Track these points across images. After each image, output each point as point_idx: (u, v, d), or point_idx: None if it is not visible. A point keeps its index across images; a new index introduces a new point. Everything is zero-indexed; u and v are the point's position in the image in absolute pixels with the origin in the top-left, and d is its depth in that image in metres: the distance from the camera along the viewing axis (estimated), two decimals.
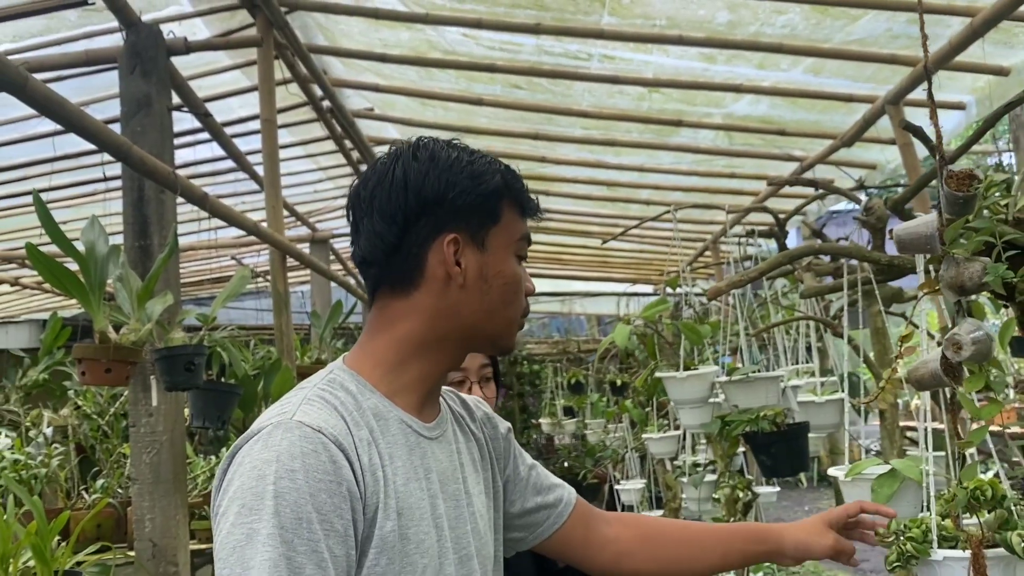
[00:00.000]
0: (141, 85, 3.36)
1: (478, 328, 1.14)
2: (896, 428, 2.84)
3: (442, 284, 1.11)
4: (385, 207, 1.11)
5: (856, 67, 4.38)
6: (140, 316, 2.69)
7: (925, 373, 1.25)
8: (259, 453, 0.97)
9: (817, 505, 9.69)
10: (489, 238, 1.14)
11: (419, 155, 1.13)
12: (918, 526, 1.38)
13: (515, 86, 4.99)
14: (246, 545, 0.92)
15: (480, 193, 1.12)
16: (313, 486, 0.95)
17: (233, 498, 0.96)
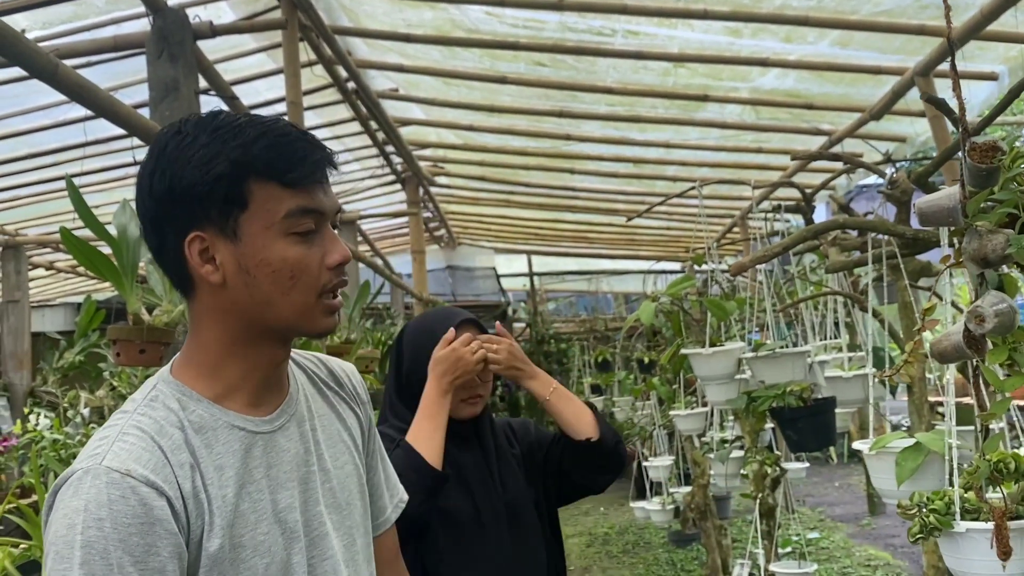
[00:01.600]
0: (168, 70, 3.40)
1: (262, 321, 1.06)
2: (924, 402, 2.83)
3: (209, 285, 1.04)
4: (140, 213, 1.06)
5: (884, 39, 4.31)
6: (172, 298, 2.74)
7: (948, 346, 1.25)
8: (69, 501, 0.96)
9: (847, 481, 9.65)
10: (241, 226, 1.02)
11: (153, 150, 1.05)
12: (941, 498, 1.38)
13: (539, 64, 4.97)
14: None
15: (209, 180, 1.00)
16: (122, 532, 0.94)
17: (50, 543, 0.96)
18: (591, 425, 1.93)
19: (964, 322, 1.22)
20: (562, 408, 1.95)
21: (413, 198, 7.64)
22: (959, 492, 1.43)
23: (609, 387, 8.40)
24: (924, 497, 1.43)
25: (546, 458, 2.00)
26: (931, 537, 1.35)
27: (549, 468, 2.00)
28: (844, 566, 6.07)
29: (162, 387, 1.08)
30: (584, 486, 2.02)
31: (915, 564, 6.08)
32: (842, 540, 6.86)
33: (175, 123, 1.06)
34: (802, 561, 3.91)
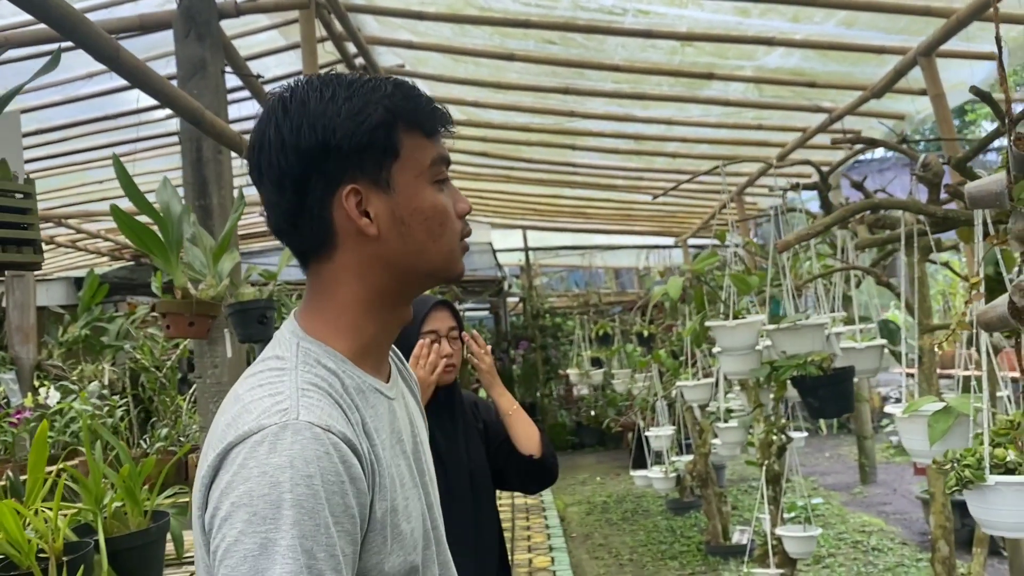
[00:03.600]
0: (196, 49, 3.47)
1: (413, 271, 1.05)
2: (933, 373, 2.96)
3: (357, 239, 1.02)
4: (271, 174, 1.01)
5: (889, 19, 4.42)
6: (215, 273, 2.83)
7: (993, 316, 1.37)
8: (267, 457, 0.90)
9: (837, 452, 9.89)
10: (393, 176, 1.02)
11: (288, 106, 1.01)
12: (972, 455, 1.52)
13: (549, 41, 5.05)
14: (260, 555, 0.87)
15: (365, 130, 0.99)
16: (328, 490, 0.91)
17: (238, 504, 0.89)
18: (537, 445, 2.27)
19: (1009, 294, 1.35)
20: (518, 424, 2.29)
21: None
22: (988, 449, 1.56)
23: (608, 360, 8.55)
24: (957, 454, 1.56)
25: (496, 451, 2.30)
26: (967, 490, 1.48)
27: (492, 462, 2.31)
28: (840, 531, 6.28)
29: (307, 346, 1.04)
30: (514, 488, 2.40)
31: (907, 529, 6.30)
32: (836, 507, 7.08)
33: (295, 82, 1.04)
34: (807, 525, 4.07)
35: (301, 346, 1.03)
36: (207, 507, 0.94)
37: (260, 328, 2.88)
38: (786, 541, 3.85)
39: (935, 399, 1.86)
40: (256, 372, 1.02)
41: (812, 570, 5.38)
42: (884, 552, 5.72)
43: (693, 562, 5.91)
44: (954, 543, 3.10)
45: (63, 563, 2.22)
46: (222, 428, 0.97)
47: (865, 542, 5.97)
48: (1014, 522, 1.52)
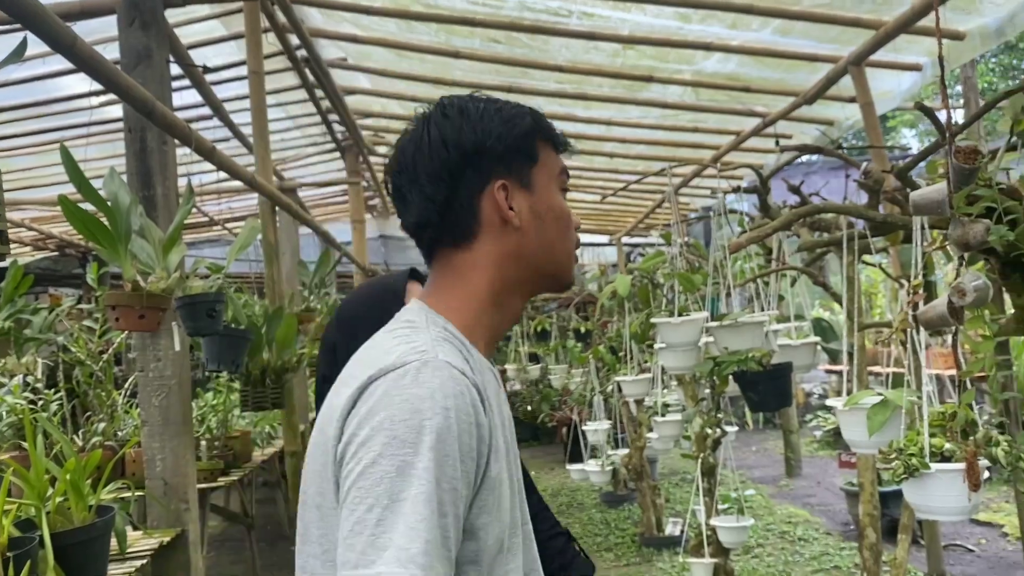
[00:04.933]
0: (140, 37, 3.41)
1: (542, 267, 1.17)
2: (864, 370, 3.11)
3: (499, 230, 1.13)
4: (429, 168, 1.13)
5: (822, 29, 4.60)
6: (164, 265, 2.80)
7: (934, 315, 1.48)
8: (410, 388, 0.98)
9: (764, 446, 10.19)
10: (533, 178, 1.16)
11: (448, 112, 1.15)
12: (914, 444, 1.63)
13: (494, 40, 5.10)
14: (397, 477, 0.93)
15: (515, 136, 1.15)
16: (460, 427, 0.97)
17: (379, 428, 0.96)
18: None
19: (947, 295, 1.45)
20: None
21: (353, 167, 7.66)
22: (927, 439, 1.67)
23: (547, 356, 8.63)
24: (901, 445, 1.67)
25: None
26: (910, 478, 1.59)
27: None
28: (767, 523, 6.50)
29: (434, 317, 1.12)
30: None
31: (831, 520, 6.56)
32: (764, 500, 7.32)
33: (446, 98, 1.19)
34: (740, 516, 4.21)
35: (429, 316, 1.13)
36: (342, 437, 1.00)
37: (209, 321, 2.87)
38: (720, 531, 3.99)
39: (873, 393, 1.97)
40: (389, 331, 1.11)
41: (742, 560, 5.56)
42: (809, 542, 5.94)
43: (628, 553, 6.05)
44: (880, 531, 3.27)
45: (8, 559, 2.19)
46: (360, 369, 1.04)
47: (791, 532, 6.20)
48: (949, 507, 1.64)
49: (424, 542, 0.92)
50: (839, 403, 2.00)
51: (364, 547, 0.92)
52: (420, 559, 0.91)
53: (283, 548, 6.16)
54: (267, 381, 3.58)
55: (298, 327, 3.90)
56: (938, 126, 1.48)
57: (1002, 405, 5.16)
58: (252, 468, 5.00)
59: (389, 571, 0.90)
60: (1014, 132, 1.83)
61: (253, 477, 6.37)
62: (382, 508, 0.93)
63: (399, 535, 0.91)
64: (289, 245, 6.70)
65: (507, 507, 1.08)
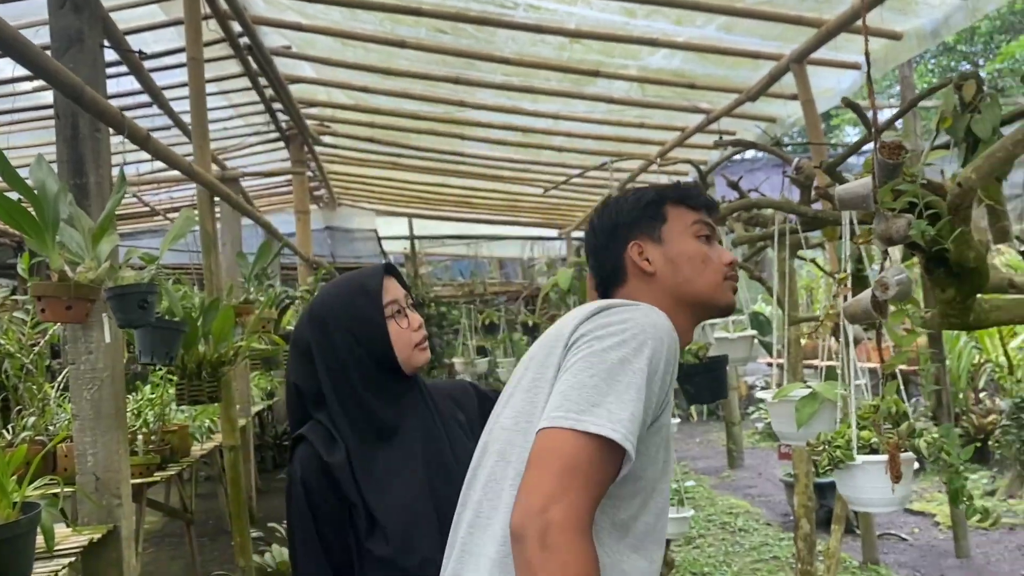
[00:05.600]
0: (72, 20, 3.31)
1: (686, 297, 1.45)
2: (799, 363, 3.17)
3: (641, 276, 1.46)
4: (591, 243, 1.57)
5: (765, 26, 4.66)
6: (94, 255, 2.72)
7: (858, 309, 1.50)
8: (644, 317, 1.25)
9: (707, 437, 10.33)
10: (663, 234, 1.47)
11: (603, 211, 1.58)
12: (842, 436, 1.65)
13: (440, 31, 5.06)
14: (618, 364, 1.17)
15: (641, 208, 1.51)
16: (667, 357, 1.23)
17: (612, 332, 1.22)
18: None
19: (872, 289, 1.48)
20: None
21: (297, 157, 7.55)
22: (855, 432, 1.70)
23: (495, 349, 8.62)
24: (828, 437, 1.70)
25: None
26: (837, 469, 1.62)
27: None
28: (709, 513, 6.58)
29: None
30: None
31: (771, 511, 6.67)
32: (706, 491, 7.42)
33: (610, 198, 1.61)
34: (680, 507, 4.25)
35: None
36: (576, 331, 1.26)
37: (141, 313, 2.79)
38: None
39: (802, 385, 2.01)
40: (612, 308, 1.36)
41: (684, 550, 5.63)
42: (750, 532, 6.04)
43: None
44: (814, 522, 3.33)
45: None
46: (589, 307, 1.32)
47: (732, 523, 6.29)
48: (877, 498, 1.67)
49: (631, 413, 1.14)
50: (769, 395, 2.03)
51: (580, 401, 1.15)
52: (626, 424, 1.13)
53: (224, 543, 6.06)
54: (203, 374, 3.51)
55: (236, 319, 3.82)
56: (865, 122, 1.50)
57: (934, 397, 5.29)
58: (191, 462, 4.90)
59: (599, 423, 1.12)
60: (939, 128, 1.87)
61: (193, 472, 6.26)
62: (601, 379, 1.16)
63: (612, 401, 1.14)
64: (230, 236, 6.58)
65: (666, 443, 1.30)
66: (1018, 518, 5.88)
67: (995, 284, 1.86)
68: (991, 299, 1.80)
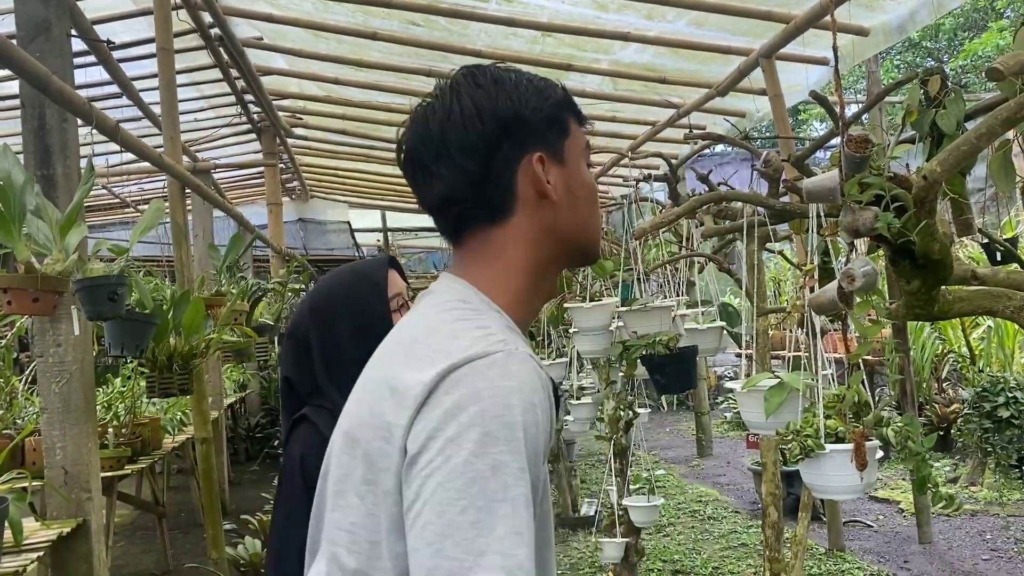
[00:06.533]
0: (39, 8, 3.26)
1: (574, 242, 1.11)
2: (767, 353, 3.22)
3: (535, 204, 1.06)
4: (462, 140, 1.05)
5: (734, 22, 4.71)
6: (62, 247, 2.70)
7: (824, 300, 1.54)
8: (500, 380, 0.90)
9: (677, 427, 10.43)
10: (565, 151, 1.09)
11: (481, 81, 1.07)
12: (810, 426, 1.69)
13: (412, 23, 5.05)
14: (492, 477, 0.85)
15: (550, 107, 1.08)
16: (540, 423, 0.91)
17: (470, 425, 0.87)
18: None
19: (838, 280, 1.51)
20: None
21: (269, 148, 7.51)
22: (823, 421, 1.74)
23: None
24: (797, 426, 1.73)
25: None
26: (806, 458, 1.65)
27: None
28: (679, 501, 6.66)
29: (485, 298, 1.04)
30: None
31: (739, 499, 6.76)
32: (676, 479, 7.50)
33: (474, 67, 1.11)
34: (651, 496, 4.30)
35: (479, 295, 1.04)
36: (412, 429, 0.91)
37: (111, 305, 2.77)
38: (632, 511, 4.07)
39: (771, 375, 2.04)
40: (447, 309, 1.02)
41: (654, 538, 5.69)
42: (719, 520, 6.12)
43: None
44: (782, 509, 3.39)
45: None
46: (423, 354, 0.95)
47: (702, 511, 6.37)
48: (842, 485, 1.71)
49: (528, 547, 0.85)
50: (738, 385, 2.06)
51: (460, 553, 0.84)
52: (527, 566, 0.84)
53: (197, 536, 6.03)
54: (175, 367, 3.49)
55: (208, 312, 3.81)
56: (832, 116, 1.53)
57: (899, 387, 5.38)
58: (162, 455, 4.87)
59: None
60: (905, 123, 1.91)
61: (165, 464, 6.21)
62: (477, 510, 0.84)
63: (500, 540, 0.84)
64: (202, 228, 6.52)
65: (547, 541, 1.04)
66: (979, 505, 6.01)
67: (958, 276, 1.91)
68: (955, 291, 1.85)
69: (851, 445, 1.60)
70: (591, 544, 5.60)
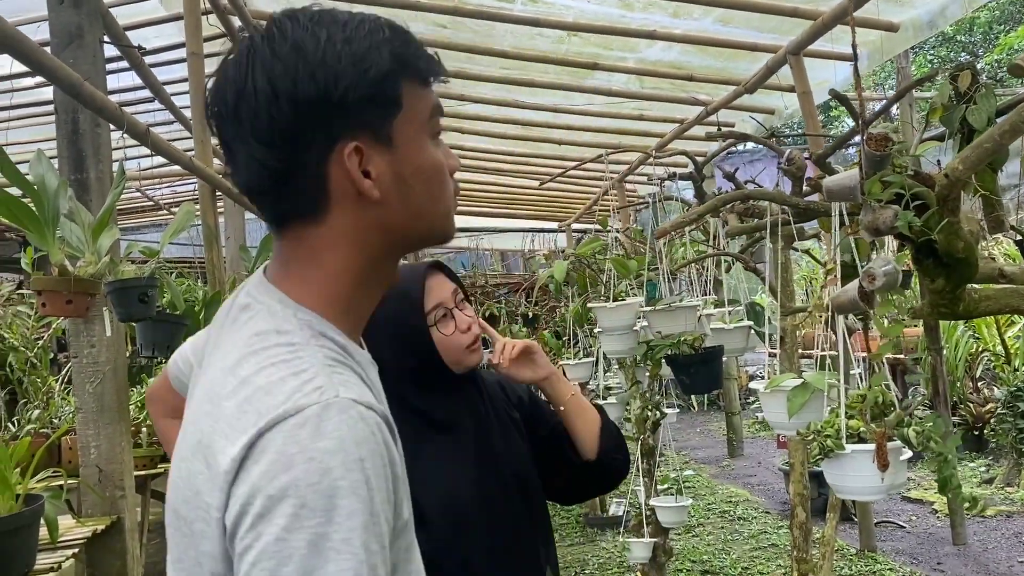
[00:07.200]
0: (72, 16, 3.33)
1: (410, 235, 0.95)
2: (795, 352, 3.19)
3: (355, 201, 0.90)
4: (257, 126, 0.86)
5: (761, 19, 4.67)
6: (94, 250, 2.75)
7: (845, 300, 1.53)
8: (312, 442, 0.78)
9: (708, 427, 10.38)
10: (396, 131, 0.90)
11: (279, 48, 0.87)
12: (831, 426, 1.68)
13: (439, 25, 5.08)
14: (310, 554, 0.76)
15: (371, 81, 0.87)
16: (377, 476, 0.80)
17: (280, 497, 0.77)
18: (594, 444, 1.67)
19: (859, 280, 1.50)
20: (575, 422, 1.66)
21: None
22: (844, 421, 1.73)
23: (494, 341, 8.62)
24: (818, 426, 1.73)
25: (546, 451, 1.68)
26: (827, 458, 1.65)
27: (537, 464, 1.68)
28: (709, 502, 6.63)
29: (304, 317, 0.91)
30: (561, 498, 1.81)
31: (770, 499, 6.71)
32: (706, 480, 7.46)
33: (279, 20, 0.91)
34: (678, 496, 4.29)
35: (299, 317, 0.90)
36: (228, 506, 0.80)
37: (142, 307, 2.82)
38: (659, 511, 4.06)
39: (794, 376, 2.03)
40: (257, 350, 0.87)
41: (683, 539, 5.68)
42: (749, 520, 6.08)
43: (572, 534, 6.13)
44: (810, 510, 3.37)
45: None
46: (232, 415, 0.83)
47: (732, 512, 6.34)
48: (865, 487, 1.70)
49: None
50: (761, 386, 2.06)
51: None
52: None
53: None
54: None
55: None
56: (853, 114, 1.52)
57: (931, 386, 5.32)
58: None
59: None
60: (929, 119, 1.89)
61: None
62: None
63: None
64: (233, 229, 6.60)
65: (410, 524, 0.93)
66: (1015, 506, 5.91)
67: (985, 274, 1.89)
68: (982, 289, 1.83)
69: (873, 446, 1.59)
70: (619, 544, 5.60)
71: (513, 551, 1.54)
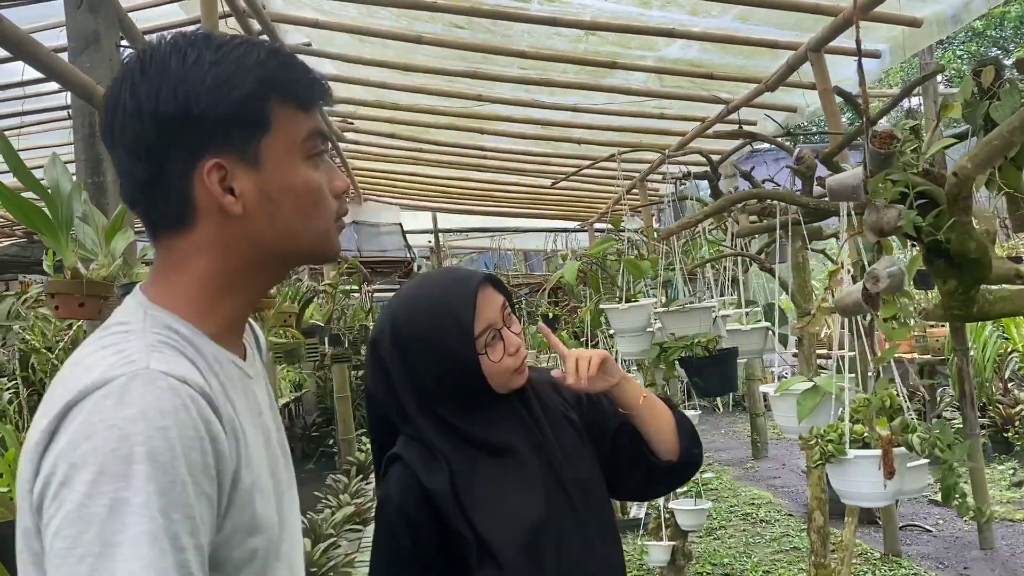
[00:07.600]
0: (89, 21, 3.35)
1: (282, 251, 0.99)
2: (813, 354, 3.15)
3: (219, 214, 0.94)
4: (125, 139, 0.93)
5: (781, 15, 4.61)
6: (108, 252, 2.77)
7: (849, 302, 1.49)
8: (116, 409, 0.81)
9: (732, 428, 10.28)
10: (262, 151, 0.94)
11: (147, 68, 0.92)
12: (835, 431, 1.64)
13: (456, 25, 5.07)
14: (108, 518, 0.78)
15: (233, 101, 0.92)
16: (185, 445, 0.82)
17: (81, 463, 0.79)
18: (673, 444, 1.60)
19: (863, 282, 1.47)
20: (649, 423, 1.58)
21: None
22: (848, 426, 1.69)
23: None
24: (821, 431, 1.69)
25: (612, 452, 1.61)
26: (828, 463, 1.61)
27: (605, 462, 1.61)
28: (732, 504, 6.56)
29: (155, 313, 0.95)
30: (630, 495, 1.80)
31: (793, 502, 6.63)
32: (729, 482, 7.39)
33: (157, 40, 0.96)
34: (698, 499, 4.25)
35: (149, 313, 0.95)
36: (37, 478, 0.82)
37: None
38: (678, 514, 4.02)
39: (805, 379, 1.99)
40: (97, 338, 0.94)
41: (704, 541, 5.62)
42: (771, 523, 6.01)
43: None
44: (828, 513, 3.31)
45: None
46: (58, 393, 0.86)
47: (754, 514, 6.27)
48: (868, 492, 1.66)
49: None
50: (771, 389, 2.02)
51: None
52: None
53: None
54: None
55: (255, 314, 3.87)
56: (858, 111, 1.48)
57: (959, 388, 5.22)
58: None
59: None
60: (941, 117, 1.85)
61: None
62: (95, 557, 0.77)
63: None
64: None
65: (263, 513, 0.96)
66: None
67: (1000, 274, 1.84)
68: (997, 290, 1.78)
69: (876, 452, 1.55)
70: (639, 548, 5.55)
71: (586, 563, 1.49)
